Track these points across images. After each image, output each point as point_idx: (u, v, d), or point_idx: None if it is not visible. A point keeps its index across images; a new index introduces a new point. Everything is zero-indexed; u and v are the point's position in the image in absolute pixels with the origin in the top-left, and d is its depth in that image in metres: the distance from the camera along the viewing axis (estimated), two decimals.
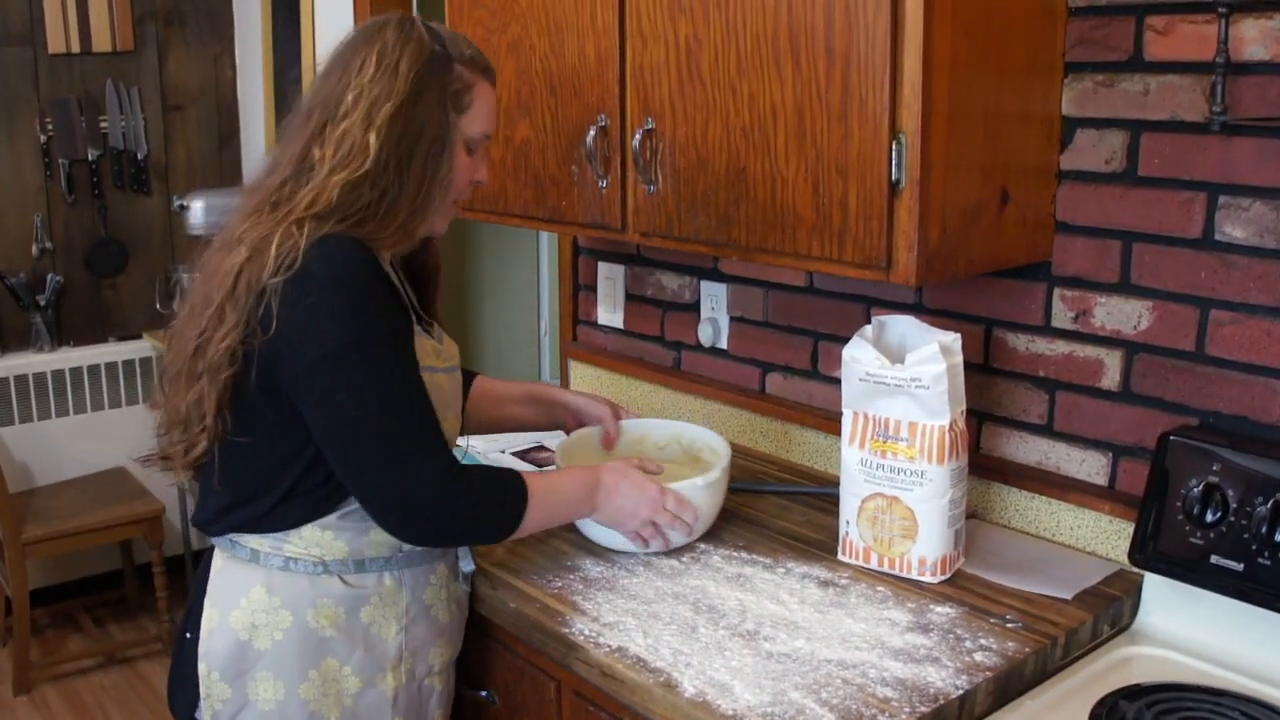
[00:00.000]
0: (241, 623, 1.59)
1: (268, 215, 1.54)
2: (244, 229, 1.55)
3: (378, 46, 1.55)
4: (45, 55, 3.99)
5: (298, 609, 1.59)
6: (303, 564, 1.60)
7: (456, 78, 1.58)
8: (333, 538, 1.60)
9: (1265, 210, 1.61)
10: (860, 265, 1.65)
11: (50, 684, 3.73)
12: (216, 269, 1.55)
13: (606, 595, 1.72)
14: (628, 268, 2.59)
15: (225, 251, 1.55)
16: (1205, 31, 1.62)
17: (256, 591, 1.59)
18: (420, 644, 1.67)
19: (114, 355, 4.20)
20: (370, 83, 1.53)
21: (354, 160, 1.52)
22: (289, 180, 1.55)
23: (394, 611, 1.64)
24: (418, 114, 1.54)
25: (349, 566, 1.62)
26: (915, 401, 1.70)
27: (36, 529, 3.59)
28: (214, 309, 1.52)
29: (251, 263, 1.50)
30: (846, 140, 1.62)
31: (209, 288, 1.55)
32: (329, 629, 1.60)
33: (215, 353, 1.51)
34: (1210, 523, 1.59)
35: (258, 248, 1.50)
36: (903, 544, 1.75)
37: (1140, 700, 1.48)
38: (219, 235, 1.62)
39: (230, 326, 1.50)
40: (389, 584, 1.64)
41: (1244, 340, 1.65)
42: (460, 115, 1.59)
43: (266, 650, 1.59)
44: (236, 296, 1.50)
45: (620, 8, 1.90)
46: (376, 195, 1.53)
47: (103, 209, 4.17)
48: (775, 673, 1.50)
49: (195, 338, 1.54)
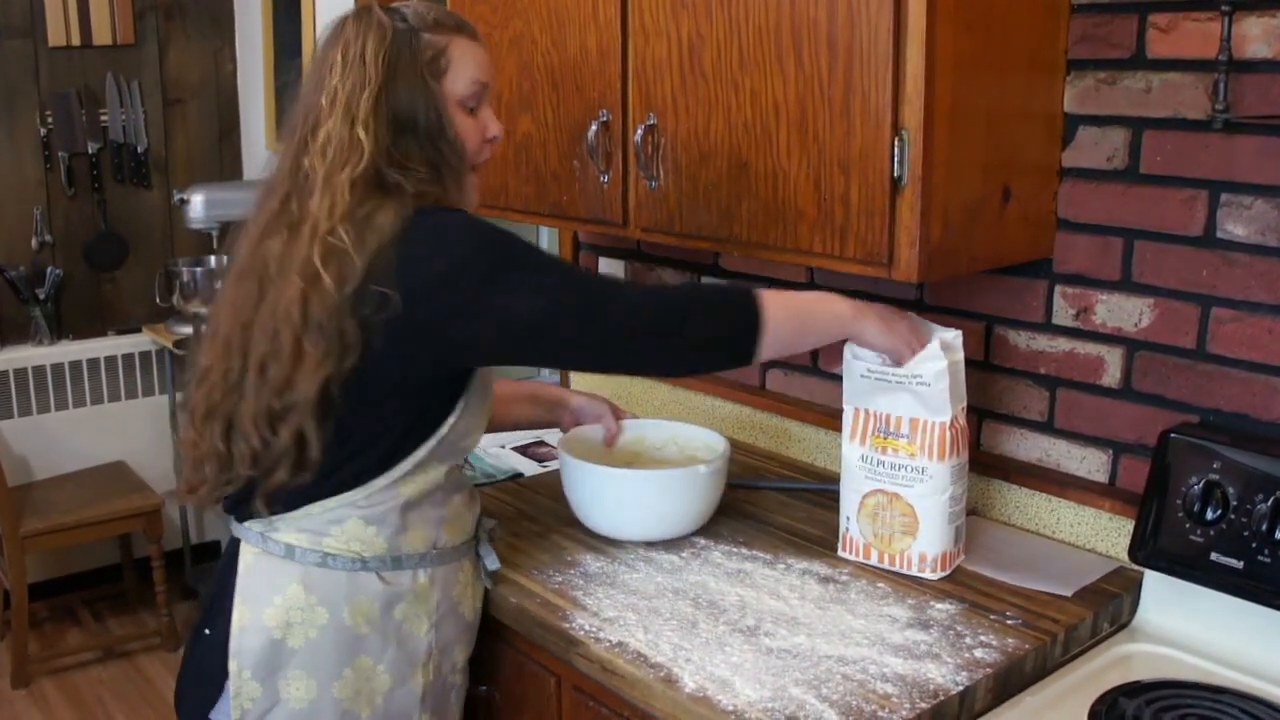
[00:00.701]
0: (275, 620, 1.56)
1: (290, 237, 1.50)
2: (270, 257, 1.51)
3: (340, 45, 1.54)
4: (45, 48, 3.99)
5: (334, 606, 1.57)
6: (341, 560, 1.57)
7: (426, 46, 1.56)
8: (375, 534, 1.58)
9: (1267, 208, 1.61)
10: (862, 262, 1.65)
11: (49, 677, 3.73)
12: (248, 303, 1.52)
13: (607, 590, 1.72)
14: (629, 263, 2.59)
15: (252, 282, 1.52)
16: (1208, 29, 1.61)
17: (293, 589, 1.56)
18: (448, 641, 1.67)
19: (113, 349, 4.20)
20: (341, 80, 1.51)
21: (351, 157, 1.50)
22: (291, 195, 1.53)
23: (425, 609, 1.63)
24: (399, 93, 1.53)
25: (386, 563, 1.59)
26: (916, 398, 1.70)
27: (35, 522, 3.59)
28: (285, 346, 1.47)
29: (315, 289, 1.46)
30: (849, 136, 1.62)
31: (252, 326, 1.51)
32: (364, 626, 1.58)
33: (309, 389, 1.46)
34: (1210, 520, 1.60)
35: (307, 272, 1.46)
36: (903, 540, 1.75)
37: (1140, 697, 1.48)
38: (233, 265, 1.59)
39: (318, 359, 1.46)
40: (423, 581, 1.62)
41: (1245, 338, 1.66)
42: (440, 80, 1.56)
43: (300, 648, 1.56)
44: (313, 327, 1.46)
45: (622, 3, 1.89)
46: (403, 176, 1.52)
47: (102, 202, 4.16)
48: (775, 668, 1.50)
49: (259, 372, 1.49)
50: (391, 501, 1.58)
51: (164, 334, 4.11)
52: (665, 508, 1.85)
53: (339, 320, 1.46)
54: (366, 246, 1.46)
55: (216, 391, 1.55)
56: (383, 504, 1.58)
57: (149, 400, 4.27)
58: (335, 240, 1.46)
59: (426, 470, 1.60)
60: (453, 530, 1.66)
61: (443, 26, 1.58)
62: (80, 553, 4.10)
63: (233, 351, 1.53)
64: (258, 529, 1.59)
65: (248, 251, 1.55)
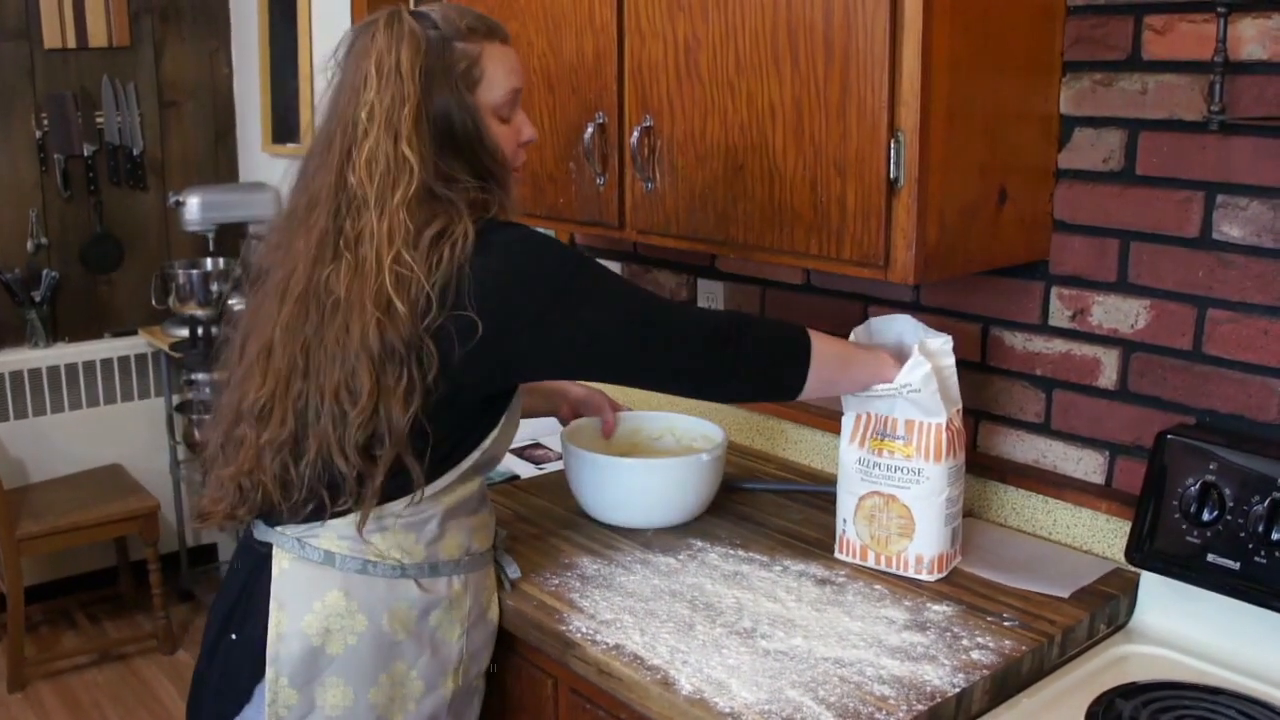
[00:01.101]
0: (315, 627, 1.55)
1: (355, 263, 1.48)
2: (329, 280, 1.49)
3: (374, 56, 1.50)
4: (41, 50, 3.98)
5: (373, 613, 1.56)
6: (381, 567, 1.57)
7: (460, 56, 1.54)
8: (414, 541, 1.58)
9: (1263, 209, 1.61)
10: (858, 263, 1.65)
11: (45, 681, 3.72)
12: (310, 328, 1.49)
13: (604, 593, 1.71)
14: (625, 265, 2.59)
15: (311, 307, 1.50)
16: (1203, 31, 1.62)
17: (333, 595, 1.55)
18: (477, 647, 1.67)
19: (109, 351, 4.19)
20: (379, 94, 1.49)
21: (401, 177, 1.48)
22: (341, 214, 1.50)
23: (459, 615, 1.63)
24: (437, 106, 1.51)
25: (424, 570, 1.59)
26: (911, 402, 1.70)
27: (31, 525, 3.58)
28: (366, 378, 1.45)
29: (391, 319, 1.44)
30: (845, 138, 1.62)
31: (305, 349, 1.49)
32: (401, 633, 1.58)
33: (400, 421, 1.46)
34: (1207, 521, 1.60)
35: (380, 301, 1.44)
36: (900, 542, 1.75)
37: (1136, 698, 1.48)
38: (273, 280, 1.55)
39: (404, 391, 1.45)
40: (456, 588, 1.63)
41: (1241, 339, 1.66)
42: (474, 91, 1.55)
43: (340, 655, 1.55)
44: (393, 356, 1.45)
45: (619, 5, 1.90)
46: (453, 190, 1.50)
47: (98, 205, 4.15)
48: (772, 670, 1.50)
49: (335, 406, 1.47)
50: (432, 510, 1.58)
51: (160, 336, 4.10)
52: (669, 495, 1.91)
53: (417, 348, 1.45)
54: (437, 272, 1.45)
55: (290, 421, 1.51)
56: (424, 513, 1.58)
57: (145, 403, 4.26)
58: (403, 269, 1.45)
59: (466, 481, 1.61)
60: (481, 537, 1.67)
61: (475, 34, 1.56)
62: (76, 556, 4.09)
63: (295, 378, 1.51)
64: (293, 534, 1.58)
65: (303, 273, 1.51)
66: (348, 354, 1.47)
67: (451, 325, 1.45)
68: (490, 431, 1.60)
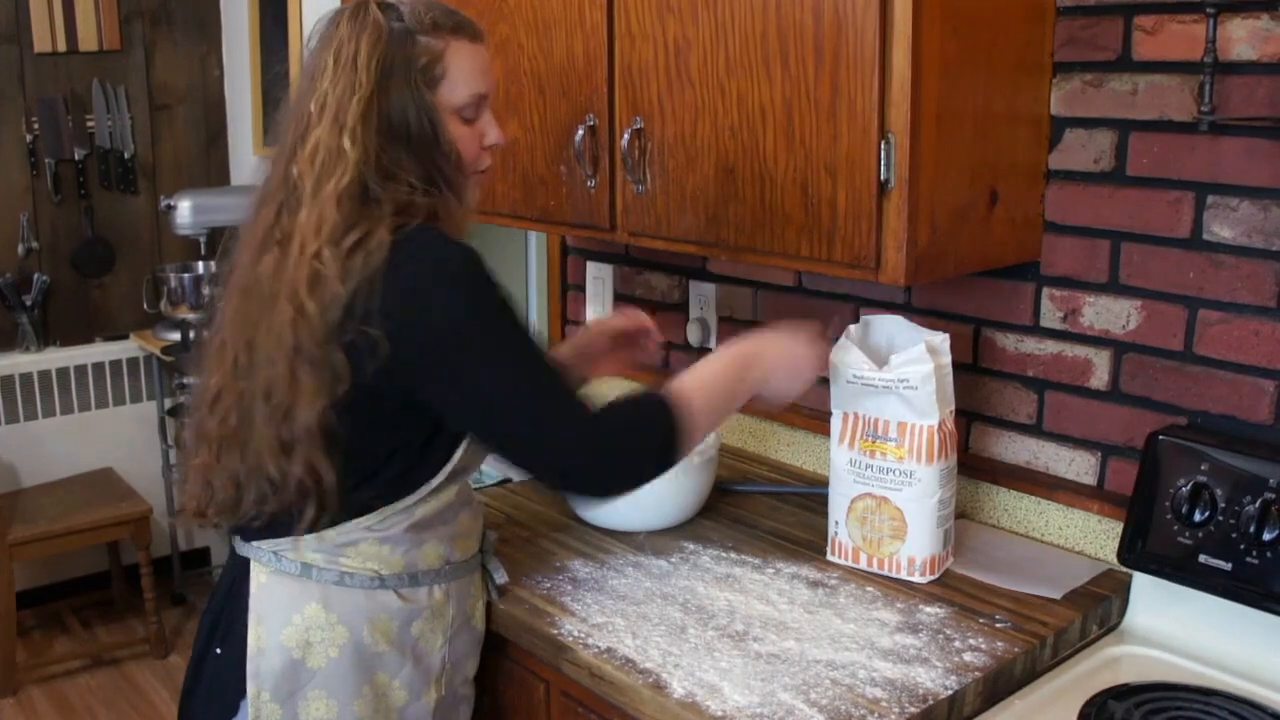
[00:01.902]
0: (295, 640, 1.53)
1: (281, 255, 1.46)
2: (263, 273, 1.47)
3: (333, 46, 1.47)
4: (31, 54, 3.97)
5: (354, 625, 1.54)
6: (359, 578, 1.54)
7: (422, 51, 1.49)
8: (390, 551, 1.55)
9: (1253, 210, 1.61)
10: (849, 265, 1.65)
11: (37, 685, 3.71)
12: (250, 329, 1.47)
13: (595, 596, 1.71)
14: (616, 267, 2.58)
15: (252, 301, 1.48)
16: (1193, 31, 1.62)
17: (311, 608, 1.53)
18: (461, 655, 1.65)
19: (101, 355, 4.18)
20: (332, 84, 1.45)
21: (337, 168, 1.44)
22: (282, 208, 1.48)
23: (441, 624, 1.61)
24: (392, 102, 1.46)
25: (404, 580, 1.57)
26: (904, 402, 1.70)
27: (23, 530, 3.57)
28: (281, 374, 1.43)
29: (302, 316, 1.42)
30: (835, 140, 1.61)
31: (253, 349, 1.47)
32: (383, 644, 1.56)
33: (309, 420, 1.43)
34: (1198, 522, 1.60)
35: (295, 298, 1.42)
36: (892, 544, 1.75)
37: (1129, 700, 1.48)
38: (233, 276, 1.53)
39: (313, 389, 1.43)
40: (438, 597, 1.60)
41: (1232, 340, 1.66)
42: (435, 89, 1.50)
43: (321, 668, 1.53)
44: (305, 355, 1.42)
45: (609, 7, 1.89)
46: (391, 188, 1.46)
47: (89, 209, 4.15)
48: (764, 673, 1.50)
49: (265, 401, 1.45)
50: (406, 521, 1.55)
51: (151, 340, 4.10)
52: (661, 497, 1.89)
53: (327, 349, 1.42)
54: (351, 275, 1.41)
55: (233, 416, 1.50)
56: (397, 525, 1.55)
57: (137, 407, 4.25)
58: (320, 265, 1.42)
59: (439, 492, 1.57)
60: (463, 545, 1.64)
61: (440, 29, 1.51)
62: (68, 560, 4.07)
63: (239, 373, 1.49)
64: (269, 548, 1.55)
65: (248, 265, 1.50)
66: (272, 350, 1.44)
67: (360, 339, 1.41)
68: (458, 444, 1.55)
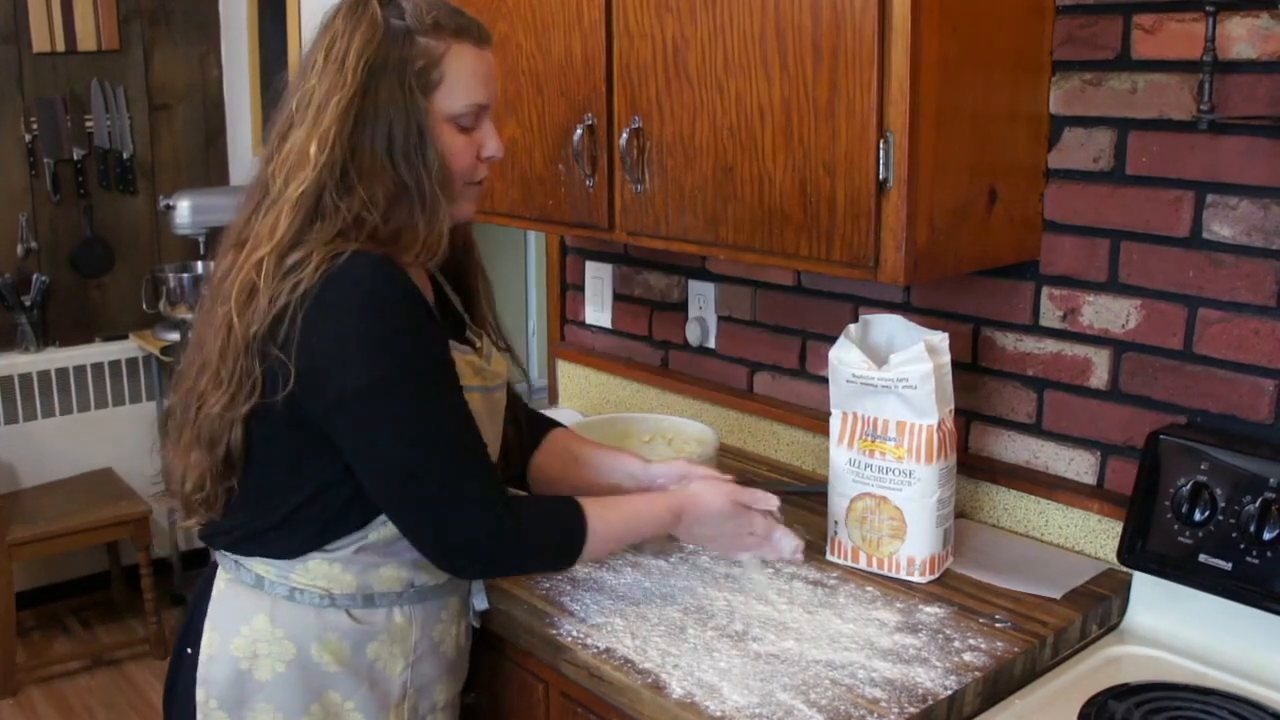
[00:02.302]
0: (243, 651, 1.51)
1: (235, 258, 1.43)
2: (220, 271, 1.46)
3: (326, 40, 1.41)
4: (30, 54, 3.97)
5: (301, 641, 1.50)
6: (309, 595, 1.50)
7: (420, 53, 1.41)
8: (340, 570, 1.50)
9: (1253, 209, 1.61)
10: (848, 264, 1.65)
11: (36, 686, 3.71)
12: (206, 325, 1.46)
13: (594, 596, 1.71)
14: (615, 267, 2.58)
15: (210, 301, 1.47)
16: (1193, 30, 1.61)
17: (259, 620, 1.50)
18: (426, 681, 1.58)
19: (100, 356, 4.18)
20: (319, 81, 1.40)
21: (299, 172, 1.39)
22: (252, 212, 1.45)
23: (401, 649, 1.55)
24: (377, 105, 1.40)
25: (357, 601, 1.52)
26: (903, 401, 1.69)
27: (22, 530, 3.57)
28: (211, 372, 1.42)
29: (239, 318, 1.39)
30: (834, 139, 1.61)
31: (205, 342, 1.45)
32: (333, 664, 1.51)
33: (211, 423, 1.43)
34: (1198, 521, 1.59)
35: (237, 300, 1.39)
36: (891, 544, 1.74)
37: (1129, 699, 1.47)
38: (211, 273, 1.53)
39: (228, 393, 1.41)
40: (399, 620, 1.54)
41: (1232, 339, 1.65)
42: (430, 95, 1.43)
43: (267, 681, 1.50)
44: (227, 357, 1.40)
45: (607, 6, 1.89)
46: (346, 201, 1.39)
47: (88, 209, 4.15)
48: (763, 673, 1.50)
49: (196, 399, 1.45)
50: (356, 544, 1.50)
51: (151, 340, 4.10)
52: None
53: (246, 361, 1.40)
54: (278, 298, 1.37)
55: (179, 410, 1.51)
56: (345, 547, 1.50)
57: (136, 407, 4.25)
58: (255, 277, 1.38)
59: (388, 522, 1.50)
60: (431, 570, 1.55)
61: (442, 30, 1.44)
62: (68, 561, 4.08)
63: (193, 370, 1.49)
64: (232, 555, 1.54)
65: (219, 264, 1.49)
66: (209, 351, 1.43)
67: (275, 364, 1.39)
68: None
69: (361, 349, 1.38)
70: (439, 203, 1.44)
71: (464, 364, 1.53)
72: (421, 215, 1.43)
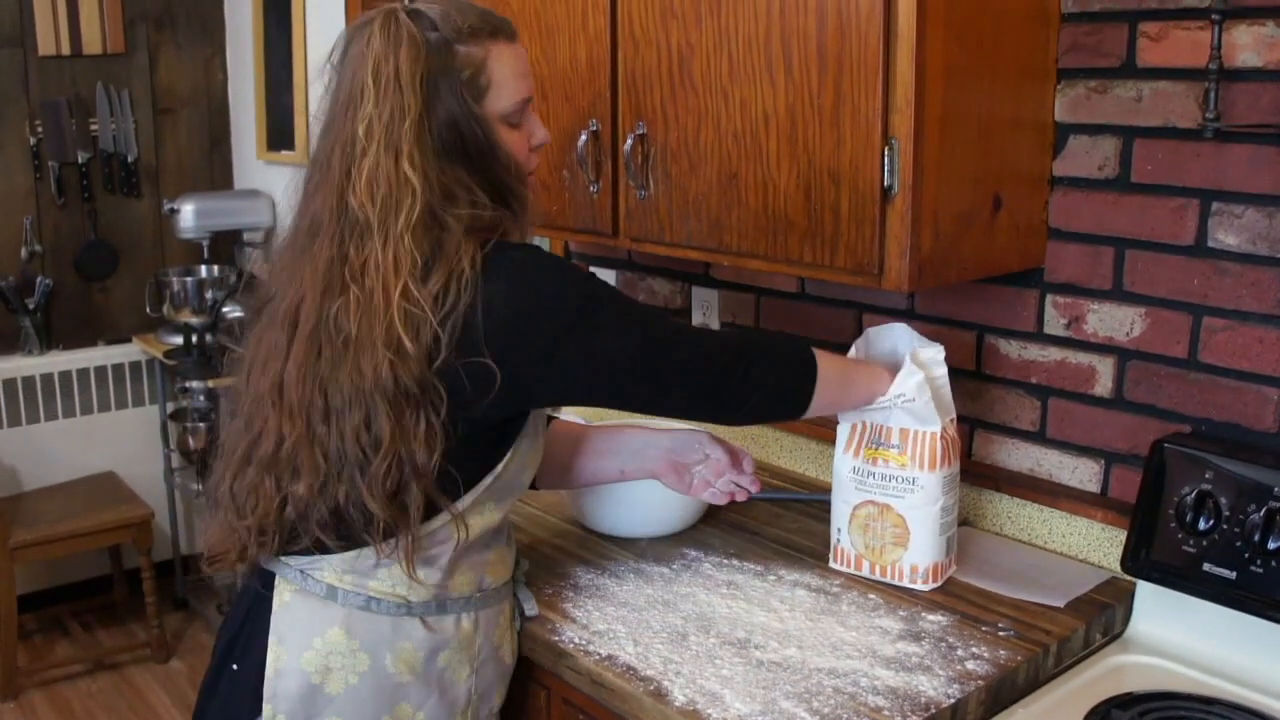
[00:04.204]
0: (314, 664, 1.48)
1: (362, 297, 1.39)
2: (338, 314, 1.40)
3: (371, 63, 1.41)
4: (35, 57, 3.97)
5: (376, 653, 1.49)
6: (386, 604, 1.49)
7: (463, 63, 1.43)
8: (423, 576, 1.48)
9: (1258, 217, 1.60)
10: (852, 271, 1.64)
11: (38, 690, 3.71)
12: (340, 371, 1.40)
13: (597, 603, 1.70)
14: (619, 273, 2.58)
15: (325, 344, 1.41)
16: (1198, 38, 1.61)
17: (334, 632, 1.48)
18: (488, 686, 1.60)
19: (104, 359, 4.18)
20: (377, 107, 1.39)
21: (403, 199, 1.39)
22: (345, 241, 1.42)
23: (468, 655, 1.55)
24: (441, 119, 1.42)
25: (431, 608, 1.51)
26: (906, 411, 1.69)
27: (24, 533, 3.57)
28: (385, 419, 1.38)
29: (401, 360, 1.37)
30: (839, 146, 1.61)
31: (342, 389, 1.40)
32: (406, 674, 1.50)
33: (426, 462, 1.39)
34: (1203, 530, 1.59)
35: (391, 341, 1.37)
36: (894, 551, 1.74)
37: (1133, 709, 1.47)
38: (283, 310, 1.46)
39: (425, 433, 1.39)
40: (466, 627, 1.55)
41: (1236, 347, 1.65)
42: (481, 100, 1.45)
43: (339, 695, 1.48)
44: (407, 397, 1.38)
45: (612, 12, 1.89)
46: (459, 209, 1.42)
47: (92, 212, 4.15)
48: (766, 681, 1.49)
49: (360, 449, 1.40)
50: (447, 543, 1.49)
51: (154, 344, 4.10)
52: (663, 504, 1.88)
53: (431, 390, 1.39)
54: (442, 310, 1.38)
55: (321, 465, 1.43)
56: (436, 545, 1.49)
57: (139, 410, 4.25)
58: (412, 305, 1.37)
59: (482, 512, 1.52)
60: (496, 571, 1.59)
61: (478, 35, 1.45)
62: (70, 564, 4.07)
63: (316, 421, 1.42)
64: (297, 565, 1.51)
65: (311, 306, 1.43)
66: (363, 395, 1.39)
67: (464, 370, 1.39)
68: (500, 459, 1.51)
69: (553, 293, 1.44)
70: (524, 196, 1.51)
71: None
72: (514, 212, 1.49)
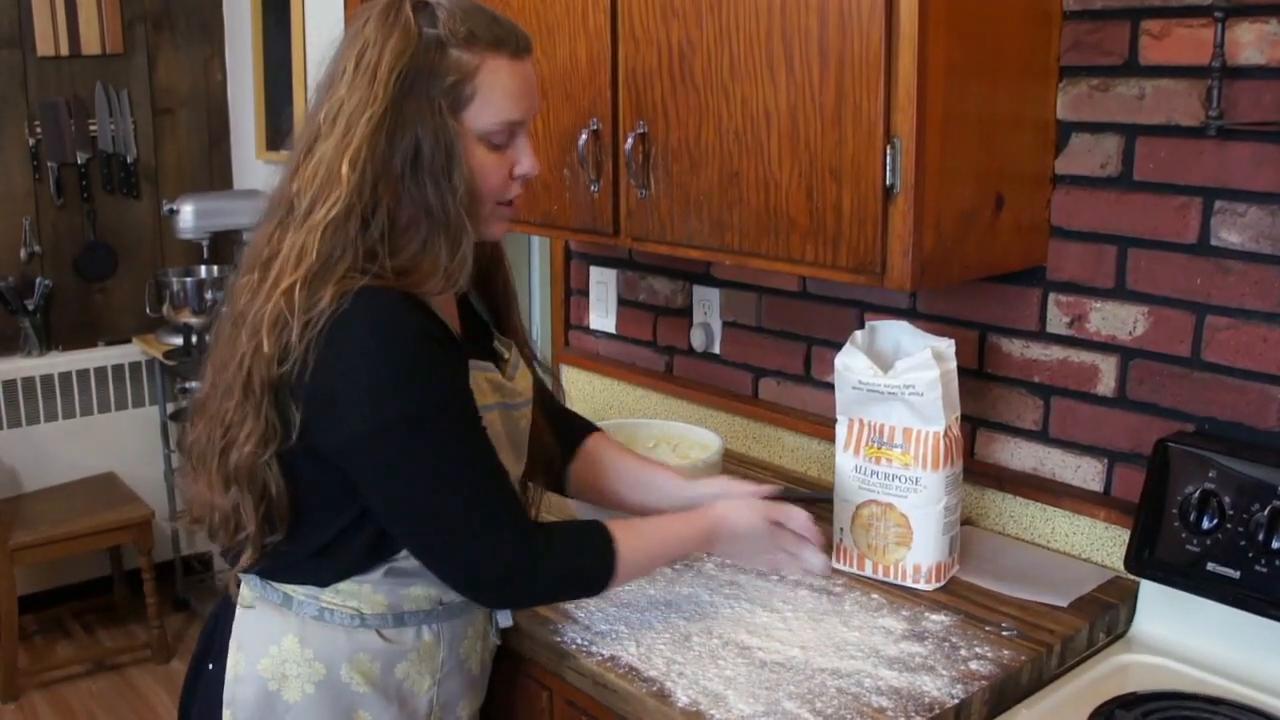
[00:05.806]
0: (271, 672, 1.47)
1: (260, 282, 1.36)
2: (245, 300, 1.38)
3: (358, 45, 1.35)
4: (34, 58, 3.97)
5: (331, 662, 1.47)
6: (339, 615, 1.47)
7: (451, 67, 1.35)
8: (371, 590, 1.47)
9: (1261, 215, 1.60)
10: (854, 270, 1.64)
11: (38, 691, 3.71)
12: (228, 349, 1.40)
13: (599, 603, 1.70)
14: (620, 272, 2.58)
15: (232, 325, 1.40)
16: (1201, 35, 1.61)
17: (288, 640, 1.47)
18: (451, 697, 1.56)
19: (103, 360, 4.18)
20: (348, 93, 1.33)
21: (330, 193, 1.32)
22: (275, 229, 1.38)
23: (429, 666, 1.52)
24: (405, 122, 1.34)
25: (387, 620, 1.49)
26: (909, 408, 1.69)
27: (25, 535, 3.57)
28: (234, 404, 1.37)
29: (258, 354, 1.34)
30: (840, 144, 1.61)
31: (228, 366, 1.39)
32: (362, 685, 1.48)
33: (242, 460, 1.37)
34: (1206, 529, 1.59)
35: (269, 332, 1.33)
36: (897, 551, 1.73)
37: (1136, 709, 1.46)
38: (230, 288, 1.45)
39: (254, 431, 1.36)
40: (427, 639, 1.51)
41: (1240, 346, 1.65)
42: (460, 113, 1.36)
43: (296, 703, 1.47)
44: (250, 394, 1.35)
45: (612, 10, 1.88)
46: (380, 232, 1.34)
47: (92, 213, 4.15)
48: (769, 682, 1.49)
49: (221, 431, 1.39)
50: (387, 565, 1.47)
51: (154, 344, 4.09)
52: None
53: (271, 396, 1.35)
54: (307, 330, 1.32)
55: (203, 436, 1.45)
56: (378, 568, 1.47)
57: (139, 411, 4.24)
58: (284, 306, 1.32)
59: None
60: None
61: (477, 42, 1.36)
62: (70, 565, 4.07)
63: (213, 397, 1.43)
64: (259, 571, 1.50)
65: (235, 283, 1.43)
66: (230, 379, 1.37)
67: (289, 406, 1.35)
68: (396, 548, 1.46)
69: (369, 394, 1.34)
70: (463, 229, 1.38)
71: (483, 382, 1.50)
72: (445, 241, 1.38)
